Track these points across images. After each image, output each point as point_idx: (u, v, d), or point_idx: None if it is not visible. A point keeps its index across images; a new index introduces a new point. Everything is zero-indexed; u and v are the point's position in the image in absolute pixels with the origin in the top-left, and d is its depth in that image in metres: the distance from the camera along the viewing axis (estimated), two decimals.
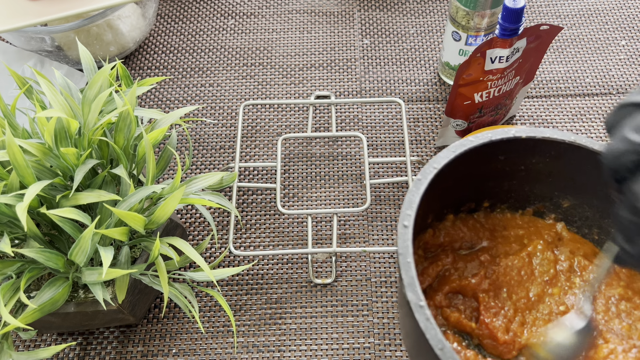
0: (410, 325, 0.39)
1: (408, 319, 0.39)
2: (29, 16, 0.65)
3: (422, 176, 0.43)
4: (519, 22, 0.56)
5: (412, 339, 0.41)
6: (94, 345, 0.57)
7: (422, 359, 0.40)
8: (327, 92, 0.75)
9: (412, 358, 0.44)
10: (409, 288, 0.38)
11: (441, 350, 0.35)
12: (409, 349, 0.44)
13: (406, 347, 0.46)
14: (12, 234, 0.47)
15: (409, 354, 0.45)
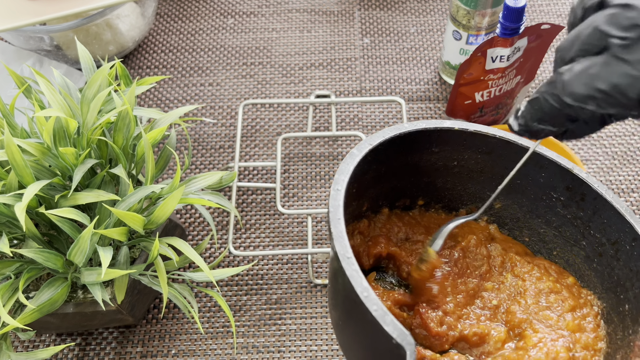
0: (338, 280, 0.39)
1: (336, 273, 0.39)
2: (28, 15, 0.65)
3: (357, 150, 0.44)
4: (520, 21, 0.56)
5: (340, 297, 0.41)
6: (93, 346, 0.57)
7: (348, 316, 0.40)
8: (327, 92, 0.75)
9: (339, 326, 0.43)
10: (338, 241, 0.38)
11: (366, 297, 0.35)
12: (336, 318, 0.44)
13: (333, 318, 0.45)
14: (10, 234, 0.47)
15: (335, 327, 0.44)
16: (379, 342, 0.36)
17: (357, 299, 0.36)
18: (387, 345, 0.35)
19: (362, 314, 0.36)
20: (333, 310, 0.44)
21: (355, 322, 0.40)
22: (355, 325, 0.40)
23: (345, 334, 0.43)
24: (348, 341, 0.43)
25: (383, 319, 0.35)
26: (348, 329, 0.42)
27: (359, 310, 0.36)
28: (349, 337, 0.42)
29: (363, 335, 0.39)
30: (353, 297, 0.36)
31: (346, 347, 0.44)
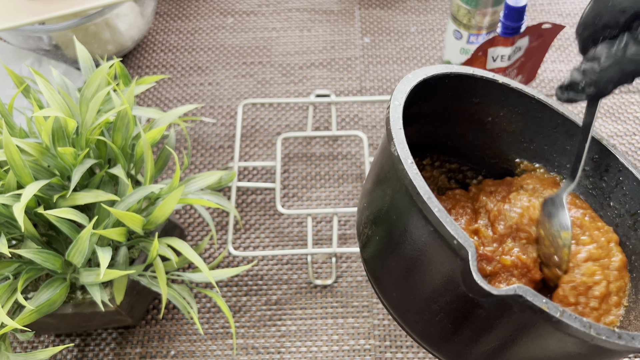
0: (392, 185, 0.38)
1: (390, 178, 0.38)
2: (27, 15, 0.64)
3: (412, 75, 0.43)
4: (521, 21, 0.56)
5: (390, 205, 0.39)
6: (92, 347, 0.57)
7: (396, 227, 0.38)
8: (327, 91, 0.74)
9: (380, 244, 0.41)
10: (400, 146, 0.37)
11: (428, 199, 0.34)
12: (376, 218, 0.41)
13: (369, 220, 0.42)
14: (9, 235, 0.46)
15: (371, 225, 0.42)
16: (436, 246, 0.35)
17: (419, 199, 0.34)
18: (446, 248, 0.34)
19: (420, 218, 0.35)
20: (371, 226, 0.42)
21: (405, 232, 0.38)
22: (405, 235, 0.38)
23: (388, 250, 0.40)
24: (391, 257, 0.40)
25: (445, 219, 0.34)
26: (393, 244, 0.39)
27: (416, 214, 0.35)
28: (394, 252, 0.39)
29: (416, 244, 0.37)
30: (411, 201, 0.35)
31: (386, 267, 0.41)
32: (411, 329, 0.40)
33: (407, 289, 0.39)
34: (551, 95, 0.73)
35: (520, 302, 0.32)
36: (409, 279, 0.38)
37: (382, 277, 0.41)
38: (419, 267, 0.37)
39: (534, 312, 0.32)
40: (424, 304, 0.38)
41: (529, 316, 0.33)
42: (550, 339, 0.34)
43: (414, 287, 0.38)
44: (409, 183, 0.35)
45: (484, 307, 0.35)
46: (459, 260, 0.34)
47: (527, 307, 0.32)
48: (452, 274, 0.35)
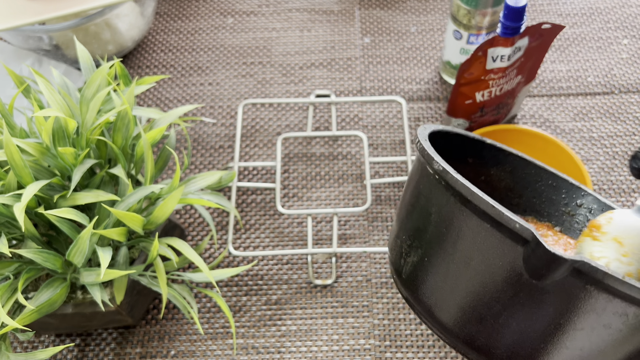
0: (438, 190, 0.40)
1: (436, 186, 0.40)
2: (27, 15, 0.64)
3: (422, 129, 0.46)
4: (521, 21, 0.56)
5: (440, 207, 0.40)
6: (92, 346, 0.57)
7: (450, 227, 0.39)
8: (327, 91, 0.74)
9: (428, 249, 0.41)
10: (441, 162, 0.39)
11: (481, 195, 0.36)
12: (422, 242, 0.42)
13: (414, 246, 0.43)
14: (9, 235, 0.46)
15: (417, 250, 0.42)
16: (494, 241, 0.36)
17: (474, 198, 0.36)
18: (506, 239, 0.35)
19: (474, 218, 0.36)
20: (417, 251, 0.42)
21: (457, 241, 0.38)
22: (458, 244, 0.38)
23: (442, 268, 0.40)
24: (447, 274, 0.40)
25: (502, 208, 0.35)
26: (447, 259, 0.40)
27: (469, 217, 0.36)
28: (449, 268, 0.40)
29: (472, 248, 0.37)
30: (463, 205, 0.37)
31: (440, 287, 0.41)
32: (471, 345, 0.39)
33: (467, 301, 0.38)
34: (551, 94, 0.73)
35: (585, 269, 0.33)
36: (469, 288, 0.38)
37: (436, 300, 0.40)
38: (478, 272, 0.37)
39: (596, 279, 0.33)
40: (485, 310, 0.37)
41: (591, 288, 0.34)
42: (610, 310, 0.35)
43: (474, 294, 0.38)
44: (461, 187, 0.37)
45: (549, 290, 0.35)
46: (520, 246, 0.34)
47: (591, 273, 0.33)
48: (514, 265, 0.35)
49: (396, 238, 0.45)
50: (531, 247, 0.34)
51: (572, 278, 0.34)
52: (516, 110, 0.70)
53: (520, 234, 0.34)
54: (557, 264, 0.33)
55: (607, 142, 0.69)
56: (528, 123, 0.71)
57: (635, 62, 0.76)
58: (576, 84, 0.74)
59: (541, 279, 0.35)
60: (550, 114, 0.72)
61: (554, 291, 0.35)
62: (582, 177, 0.60)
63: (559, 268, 0.34)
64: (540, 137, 0.63)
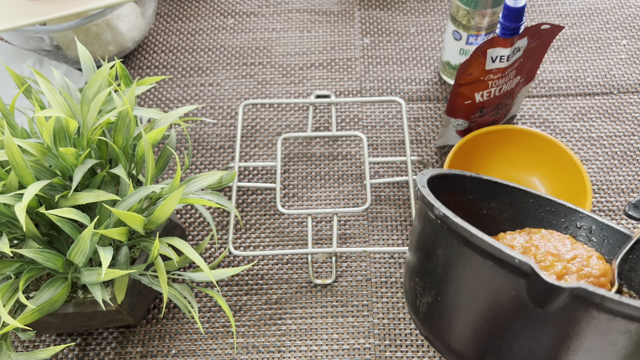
0: (441, 232, 0.42)
1: (438, 228, 0.42)
2: (28, 15, 0.65)
3: (422, 175, 0.49)
4: (520, 22, 0.56)
5: (444, 247, 0.42)
6: (93, 346, 0.57)
7: (452, 264, 0.41)
8: (327, 92, 0.75)
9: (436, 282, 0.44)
10: (442, 208, 0.42)
11: (481, 235, 0.38)
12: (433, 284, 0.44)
13: (426, 287, 0.45)
14: (11, 234, 0.47)
15: (429, 291, 0.44)
16: (498, 277, 0.38)
17: (474, 238, 0.38)
18: (508, 273, 0.37)
19: (478, 257, 0.38)
20: (429, 292, 0.44)
21: (463, 281, 0.41)
22: (465, 284, 0.41)
23: (455, 307, 0.43)
24: (459, 311, 0.42)
25: (501, 246, 0.37)
26: (457, 298, 0.42)
27: (472, 256, 0.39)
28: (461, 306, 0.42)
29: (478, 286, 0.40)
30: (465, 246, 0.39)
31: (455, 324, 0.43)
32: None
33: (480, 333, 0.41)
34: (550, 95, 0.73)
35: (584, 294, 0.35)
36: (480, 322, 0.40)
37: (453, 335, 0.43)
38: (487, 305, 0.40)
39: (595, 303, 0.35)
40: (498, 340, 0.40)
41: (592, 310, 0.36)
42: (613, 329, 0.36)
43: (486, 327, 0.40)
44: (462, 229, 0.39)
45: (555, 316, 0.37)
46: (522, 279, 0.37)
47: (589, 298, 0.35)
48: (519, 296, 0.38)
49: (410, 280, 0.47)
50: (531, 279, 0.36)
51: (573, 303, 0.36)
52: (515, 110, 0.71)
53: (520, 268, 0.37)
54: (556, 293, 0.36)
55: (606, 142, 0.69)
56: (527, 123, 0.71)
57: (634, 63, 0.76)
58: (575, 85, 0.74)
59: (545, 306, 0.37)
60: (549, 114, 0.72)
61: (560, 316, 0.37)
62: (582, 177, 0.60)
63: (558, 296, 0.36)
64: (539, 137, 0.63)
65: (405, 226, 0.64)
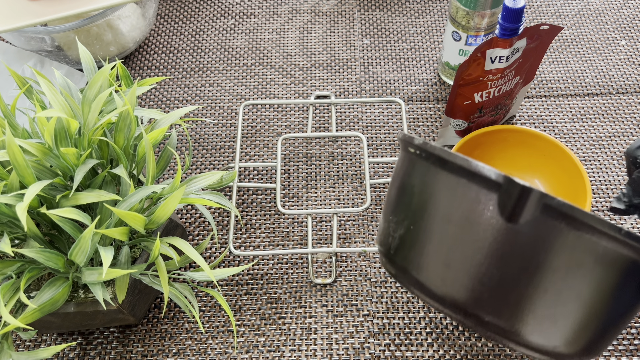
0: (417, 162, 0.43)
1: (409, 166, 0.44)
2: (29, 16, 0.65)
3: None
4: (519, 22, 0.56)
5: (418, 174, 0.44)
6: (94, 345, 0.57)
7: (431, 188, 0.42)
8: (327, 92, 0.75)
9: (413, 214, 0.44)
10: (415, 139, 0.44)
11: (455, 153, 0.40)
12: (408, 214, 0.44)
13: (400, 220, 0.45)
14: (12, 234, 0.47)
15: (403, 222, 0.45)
16: (472, 193, 0.39)
17: (448, 156, 0.40)
18: (481, 188, 0.38)
19: (452, 176, 0.40)
20: (402, 223, 0.45)
21: (438, 202, 0.41)
22: (439, 204, 0.41)
23: (427, 232, 0.43)
24: (433, 235, 0.43)
25: (473, 161, 0.39)
26: (432, 221, 0.42)
27: (445, 177, 0.40)
28: (434, 229, 0.42)
29: (452, 205, 0.40)
30: (439, 167, 0.41)
31: (428, 251, 0.43)
32: (458, 306, 0.41)
33: (450, 256, 0.41)
34: (549, 95, 0.74)
35: (553, 204, 0.36)
36: (451, 243, 0.41)
37: (422, 264, 0.42)
38: (459, 226, 0.40)
39: (563, 213, 0.36)
40: (467, 262, 0.40)
41: (560, 224, 0.37)
42: (580, 247, 0.37)
43: (456, 248, 0.40)
44: (439, 150, 0.41)
45: (524, 232, 0.37)
46: (494, 192, 0.38)
47: (558, 207, 0.36)
48: (490, 212, 0.38)
49: (384, 222, 0.47)
50: (504, 188, 0.37)
51: (543, 216, 0.37)
52: (514, 110, 0.71)
53: (494, 180, 0.38)
54: (526, 196, 0.36)
55: (605, 143, 0.69)
56: (526, 123, 0.71)
57: (633, 63, 0.76)
58: (574, 85, 0.74)
59: (515, 219, 0.37)
60: (548, 114, 0.72)
61: (529, 231, 0.37)
62: (581, 177, 0.60)
63: (528, 201, 0.37)
64: (539, 137, 0.63)
65: None
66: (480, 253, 0.39)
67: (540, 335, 0.39)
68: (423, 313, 0.58)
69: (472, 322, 0.41)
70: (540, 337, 0.39)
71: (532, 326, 0.39)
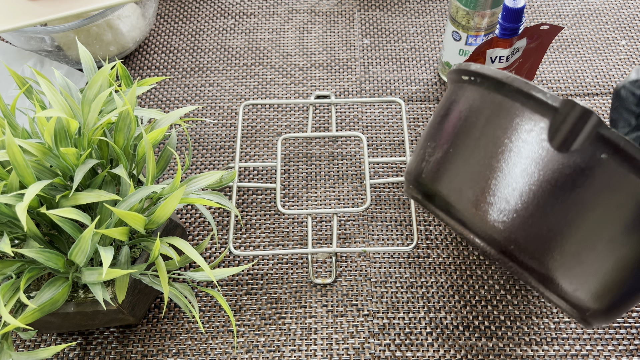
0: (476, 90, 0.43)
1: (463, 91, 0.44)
2: (29, 16, 0.65)
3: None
4: (519, 22, 0.56)
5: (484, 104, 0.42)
6: (94, 345, 0.57)
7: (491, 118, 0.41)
8: (327, 92, 0.75)
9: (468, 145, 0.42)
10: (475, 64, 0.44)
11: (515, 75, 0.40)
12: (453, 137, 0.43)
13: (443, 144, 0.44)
14: (12, 234, 0.47)
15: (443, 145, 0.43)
16: (523, 114, 0.38)
17: (507, 78, 0.40)
18: (535, 109, 0.38)
19: (507, 99, 0.39)
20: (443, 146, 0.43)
21: (489, 114, 0.41)
22: (489, 117, 0.41)
23: (463, 139, 0.42)
24: (465, 144, 0.42)
25: (533, 83, 0.38)
26: (473, 131, 0.41)
27: (500, 101, 0.40)
28: (471, 139, 0.41)
29: (498, 121, 0.40)
30: (495, 90, 0.41)
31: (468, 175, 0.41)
32: (491, 238, 0.39)
33: (488, 183, 0.40)
34: None
35: (607, 134, 0.35)
36: (492, 168, 0.40)
37: (456, 188, 0.41)
38: (504, 151, 0.39)
39: (616, 146, 0.35)
40: (508, 191, 0.38)
41: (612, 160, 0.36)
42: (624, 188, 0.36)
43: (497, 175, 0.39)
44: (498, 73, 0.40)
45: (570, 165, 0.36)
46: (548, 118, 0.37)
47: (611, 138, 0.35)
48: (540, 139, 0.37)
49: (420, 149, 0.46)
50: (561, 111, 0.36)
51: (593, 146, 0.36)
52: None
53: (551, 104, 0.37)
54: (584, 120, 0.35)
55: None
56: None
57: (633, 63, 0.76)
58: (574, 85, 0.74)
59: (565, 146, 0.36)
60: None
61: (576, 163, 0.36)
62: None
63: (584, 127, 0.35)
64: None
65: (405, 226, 0.64)
66: (521, 179, 0.38)
67: (564, 276, 0.38)
68: (423, 313, 0.58)
69: (496, 250, 0.39)
70: (565, 278, 0.38)
71: (559, 264, 0.37)
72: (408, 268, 0.61)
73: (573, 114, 0.36)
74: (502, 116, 0.39)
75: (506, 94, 0.39)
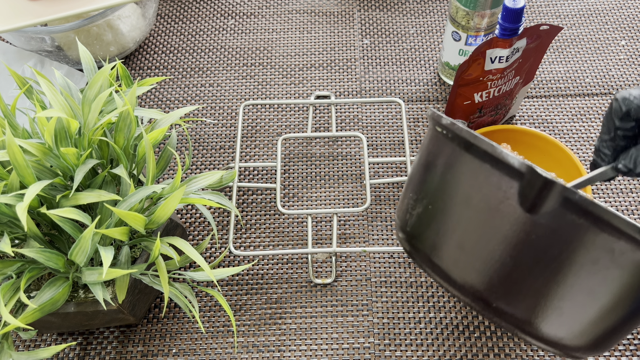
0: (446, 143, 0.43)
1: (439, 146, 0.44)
2: (29, 16, 0.65)
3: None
4: (519, 22, 0.56)
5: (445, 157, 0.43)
6: (94, 345, 0.57)
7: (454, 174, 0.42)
8: (327, 92, 0.75)
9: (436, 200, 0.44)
10: (449, 120, 0.43)
11: (483, 138, 0.40)
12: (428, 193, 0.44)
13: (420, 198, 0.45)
14: (12, 234, 0.47)
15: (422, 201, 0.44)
16: (494, 179, 0.39)
17: (475, 140, 0.40)
18: (504, 175, 0.38)
19: (476, 161, 0.40)
20: (422, 202, 0.44)
21: (461, 172, 0.41)
22: (461, 176, 0.41)
23: (440, 194, 0.43)
24: (441, 200, 0.43)
25: (500, 149, 0.38)
26: (452, 204, 0.42)
27: (470, 161, 0.40)
28: (454, 213, 0.42)
29: (470, 180, 0.40)
30: (465, 150, 0.40)
31: (445, 232, 0.43)
32: (471, 292, 0.41)
33: (465, 239, 0.41)
34: (549, 95, 0.74)
35: (574, 198, 0.35)
36: (467, 226, 0.40)
37: (437, 243, 0.42)
38: (477, 210, 0.40)
39: (585, 209, 0.36)
40: (482, 249, 0.39)
41: (580, 219, 0.36)
42: (597, 244, 0.36)
43: (472, 233, 0.40)
44: (466, 133, 0.40)
45: (542, 224, 0.37)
46: (516, 181, 0.37)
47: (579, 202, 0.35)
48: (510, 200, 0.38)
49: (404, 198, 0.47)
50: (526, 178, 0.37)
51: (562, 209, 0.36)
52: (514, 110, 0.71)
53: (517, 169, 0.37)
54: (549, 188, 0.36)
55: None
56: (526, 123, 0.71)
57: (633, 63, 0.76)
58: (574, 85, 0.75)
59: (535, 209, 0.37)
60: (548, 114, 0.72)
61: (547, 223, 0.37)
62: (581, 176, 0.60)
63: (550, 193, 0.36)
64: (539, 137, 0.63)
65: None
66: (496, 240, 0.39)
67: (548, 327, 0.39)
68: (423, 313, 0.58)
69: (479, 306, 0.40)
70: (549, 329, 0.39)
71: (540, 317, 0.39)
72: (408, 268, 0.61)
73: (537, 183, 0.36)
74: (474, 176, 0.40)
75: (475, 155, 0.40)
